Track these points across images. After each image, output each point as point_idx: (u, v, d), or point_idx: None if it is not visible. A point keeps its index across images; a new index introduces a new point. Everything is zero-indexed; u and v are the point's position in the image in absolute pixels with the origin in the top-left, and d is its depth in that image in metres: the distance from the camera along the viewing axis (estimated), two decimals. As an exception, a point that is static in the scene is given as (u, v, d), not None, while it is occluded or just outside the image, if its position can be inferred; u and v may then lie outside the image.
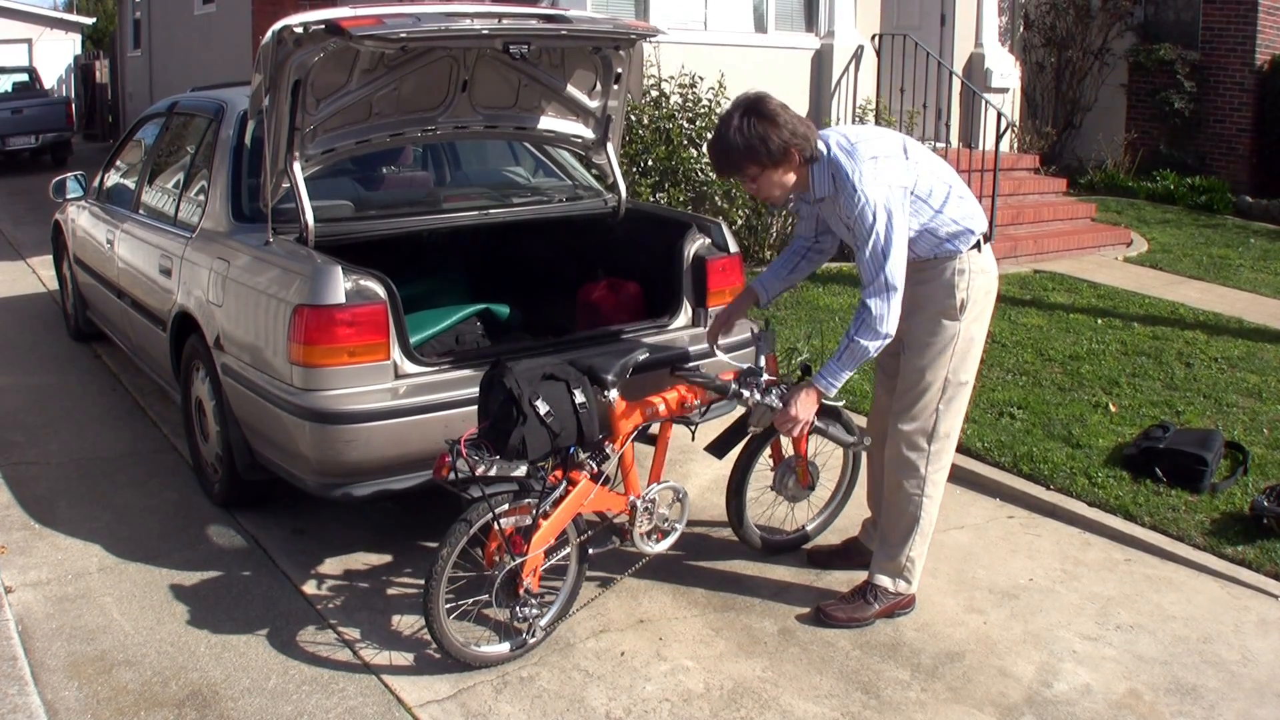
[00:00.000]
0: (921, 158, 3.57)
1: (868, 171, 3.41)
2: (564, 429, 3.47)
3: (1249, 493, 4.73)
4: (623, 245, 5.04)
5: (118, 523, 4.54)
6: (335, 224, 4.40)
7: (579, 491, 3.54)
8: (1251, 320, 7.55)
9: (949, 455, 3.76)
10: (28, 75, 21.84)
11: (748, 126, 3.43)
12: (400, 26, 3.85)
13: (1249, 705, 3.41)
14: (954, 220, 3.54)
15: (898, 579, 3.81)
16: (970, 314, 3.61)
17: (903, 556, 3.78)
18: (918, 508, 3.73)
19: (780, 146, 3.43)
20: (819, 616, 3.81)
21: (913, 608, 3.86)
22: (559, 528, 3.53)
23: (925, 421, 3.66)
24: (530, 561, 3.44)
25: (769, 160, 3.46)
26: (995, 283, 3.72)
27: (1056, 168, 12.22)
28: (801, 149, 3.46)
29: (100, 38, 28.65)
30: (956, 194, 3.58)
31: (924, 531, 3.77)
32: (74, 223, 6.85)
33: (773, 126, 3.42)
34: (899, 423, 3.71)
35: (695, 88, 8.52)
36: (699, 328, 4.54)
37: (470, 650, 3.49)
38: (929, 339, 3.62)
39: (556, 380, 3.52)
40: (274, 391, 3.93)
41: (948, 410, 3.67)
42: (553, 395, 3.47)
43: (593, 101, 4.86)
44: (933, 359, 3.62)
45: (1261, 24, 12.26)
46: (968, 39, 11.34)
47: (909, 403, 3.68)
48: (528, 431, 3.38)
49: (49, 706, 3.29)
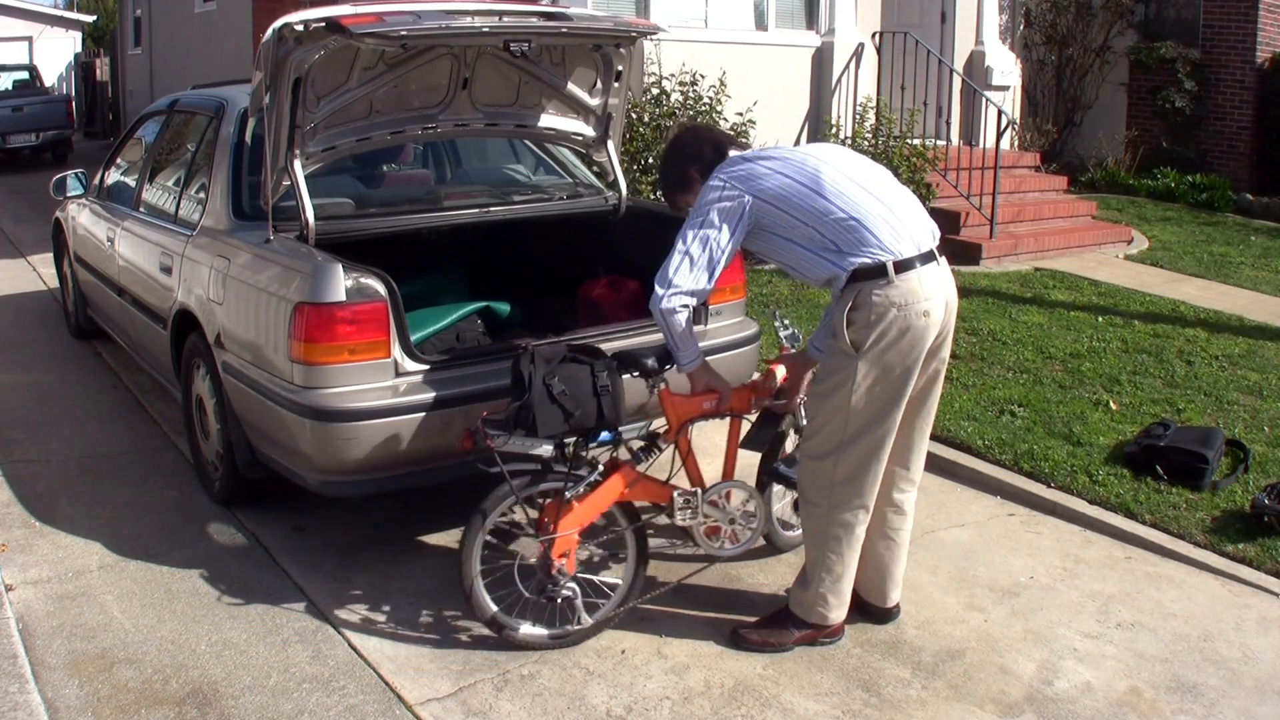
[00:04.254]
0: (815, 170, 3.33)
1: (727, 169, 3.43)
2: (580, 408, 3.46)
3: (1250, 490, 4.73)
4: (623, 243, 5.03)
5: (118, 520, 4.54)
6: (336, 222, 4.40)
7: (615, 479, 3.54)
8: (1252, 318, 7.54)
9: (859, 500, 3.44)
10: (28, 73, 21.84)
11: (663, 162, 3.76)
12: (400, 24, 3.84)
13: (1250, 703, 3.41)
14: (833, 242, 3.29)
15: (811, 613, 3.57)
16: (873, 352, 3.27)
17: (814, 592, 3.55)
18: (823, 546, 3.49)
19: (678, 173, 3.66)
20: (734, 639, 3.64)
21: (839, 637, 3.65)
22: (594, 512, 3.54)
23: (823, 460, 3.42)
24: (560, 542, 3.45)
25: (675, 187, 3.68)
26: (918, 319, 3.28)
27: (1057, 165, 12.22)
28: (699, 168, 3.57)
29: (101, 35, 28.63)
30: (842, 211, 3.28)
31: (832, 570, 3.51)
32: (74, 220, 6.84)
33: (670, 155, 3.67)
34: (800, 452, 3.57)
35: (696, 85, 8.51)
36: (699, 325, 4.54)
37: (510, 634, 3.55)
38: (829, 372, 3.41)
39: (580, 363, 3.53)
40: (275, 389, 3.93)
41: (847, 451, 3.37)
42: (571, 375, 3.48)
43: (593, 99, 4.86)
44: (829, 393, 3.38)
45: (1262, 22, 12.25)
46: (968, 37, 11.33)
47: (808, 433, 3.52)
48: (537, 407, 3.40)
49: (49, 704, 3.29)
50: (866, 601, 3.76)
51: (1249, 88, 12.36)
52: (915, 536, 4.36)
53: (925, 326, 3.32)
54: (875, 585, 3.73)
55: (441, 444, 3.91)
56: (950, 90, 10.35)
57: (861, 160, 3.51)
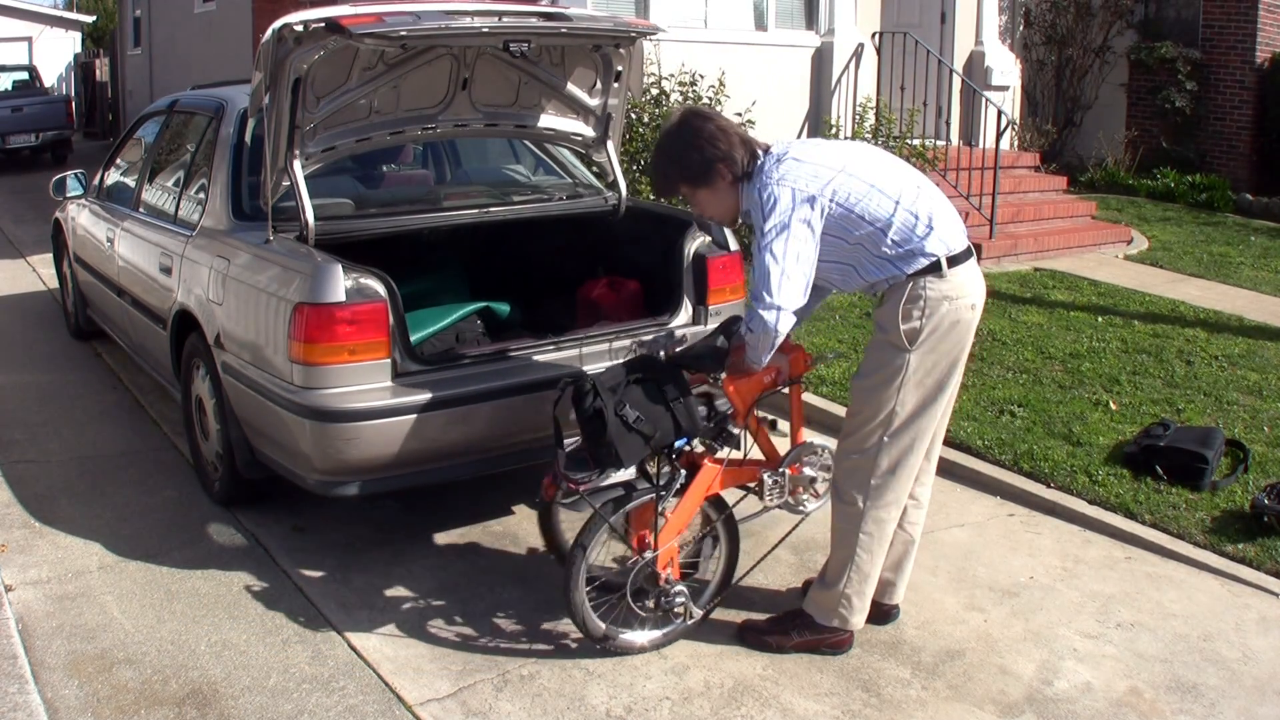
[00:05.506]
0: (861, 169, 3.32)
1: (781, 172, 3.28)
2: (658, 428, 3.38)
3: (1249, 490, 4.73)
4: (623, 243, 5.03)
5: (118, 521, 4.54)
6: (335, 222, 4.40)
7: (700, 479, 3.52)
8: (1252, 318, 7.54)
9: (895, 494, 3.47)
10: (28, 73, 21.85)
11: (670, 148, 3.42)
12: (400, 24, 3.84)
13: (1250, 703, 3.41)
14: (894, 241, 3.29)
15: (831, 615, 3.56)
16: (926, 344, 3.31)
17: (837, 592, 3.53)
18: (853, 544, 3.48)
19: (701, 165, 3.38)
20: (740, 632, 3.69)
21: (846, 648, 3.61)
22: (688, 517, 3.53)
23: (865, 454, 3.42)
24: (663, 555, 3.45)
25: (692, 179, 3.43)
26: (966, 311, 3.37)
27: (1057, 165, 12.21)
28: (731, 167, 3.37)
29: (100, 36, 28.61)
30: (905, 210, 3.30)
31: (862, 570, 3.50)
32: (74, 221, 6.84)
33: (694, 144, 3.36)
34: (840, 449, 3.53)
35: (695, 86, 8.51)
36: (699, 325, 4.54)
37: (624, 642, 3.54)
38: (876, 366, 3.39)
39: (643, 381, 3.44)
40: (274, 389, 3.93)
41: (892, 445, 3.39)
42: (639, 398, 3.39)
43: (593, 99, 4.85)
44: (877, 387, 3.37)
45: (1262, 22, 12.25)
46: (968, 37, 11.33)
47: (850, 429, 3.48)
48: (617, 441, 3.33)
49: (49, 705, 3.29)
50: (874, 601, 3.73)
51: (1249, 88, 12.36)
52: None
53: (973, 319, 3.41)
54: (887, 581, 3.72)
55: (441, 444, 3.91)
56: (950, 90, 10.35)
57: (894, 158, 3.53)
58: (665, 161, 3.51)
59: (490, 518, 4.56)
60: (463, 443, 3.98)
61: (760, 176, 3.33)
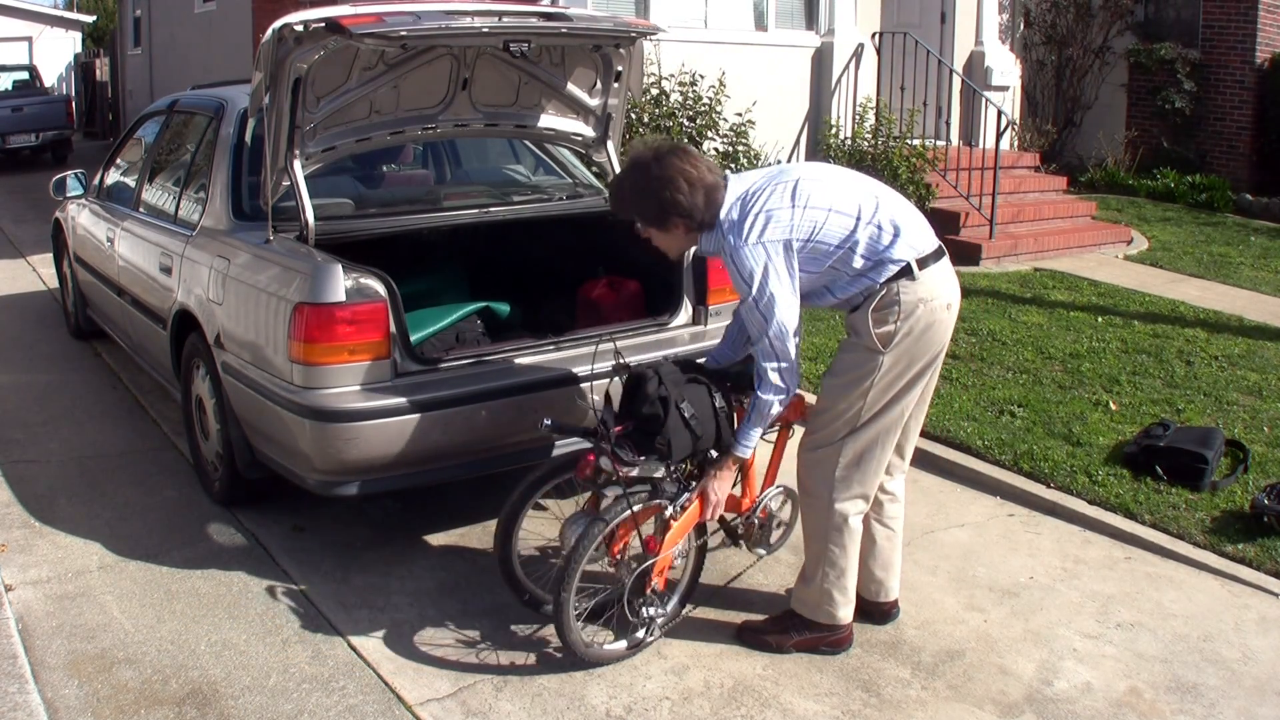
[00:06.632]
0: (817, 197, 3.30)
1: (748, 229, 3.25)
2: (705, 432, 3.43)
3: (1249, 491, 4.73)
4: (623, 243, 5.01)
5: (118, 521, 4.54)
6: (335, 222, 4.40)
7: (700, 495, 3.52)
8: (1252, 318, 7.55)
9: (861, 487, 3.47)
10: (28, 73, 21.84)
11: (634, 181, 3.38)
12: (400, 24, 3.84)
13: (1249, 703, 3.41)
14: (863, 256, 3.29)
15: (817, 611, 3.57)
16: (901, 346, 3.33)
17: (816, 587, 3.54)
18: (824, 539, 3.50)
19: (657, 212, 3.36)
20: (739, 632, 3.70)
21: (846, 647, 3.61)
22: (689, 529, 3.54)
23: (830, 447, 3.43)
24: (661, 561, 3.45)
25: (646, 221, 3.43)
26: (942, 312, 3.38)
27: (1057, 166, 12.21)
28: (689, 221, 3.35)
29: (100, 36, 28.61)
30: (867, 225, 3.29)
31: (837, 565, 3.50)
32: (74, 221, 6.84)
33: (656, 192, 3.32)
34: (805, 442, 3.53)
35: (695, 86, 8.51)
36: (699, 326, 4.55)
37: (593, 651, 3.49)
38: (849, 366, 3.40)
39: (699, 384, 3.49)
40: (274, 389, 3.93)
41: (857, 438, 3.41)
42: (697, 398, 3.44)
43: (593, 99, 4.86)
44: (848, 386, 3.39)
45: (1262, 22, 12.25)
46: (968, 37, 11.34)
47: (817, 425, 3.49)
48: (673, 433, 3.36)
49: (49, 705, 3.29)
50: (868, 601, 3.75)
51: (1249, 88, 12.36)
52: (915, 537, 4.38)
53: (949, 319, 3.43)
54: (879, 580, 3.74)
55: (441, 444, 3.91)
56: (950, 90, 10.35)
57: (848, 171, 3.54)
58: (625, 191, 3.47)
59: (490, 518, 4.55)
60: (463, 443, 3.98)
61: (729, 237, 3.29)
